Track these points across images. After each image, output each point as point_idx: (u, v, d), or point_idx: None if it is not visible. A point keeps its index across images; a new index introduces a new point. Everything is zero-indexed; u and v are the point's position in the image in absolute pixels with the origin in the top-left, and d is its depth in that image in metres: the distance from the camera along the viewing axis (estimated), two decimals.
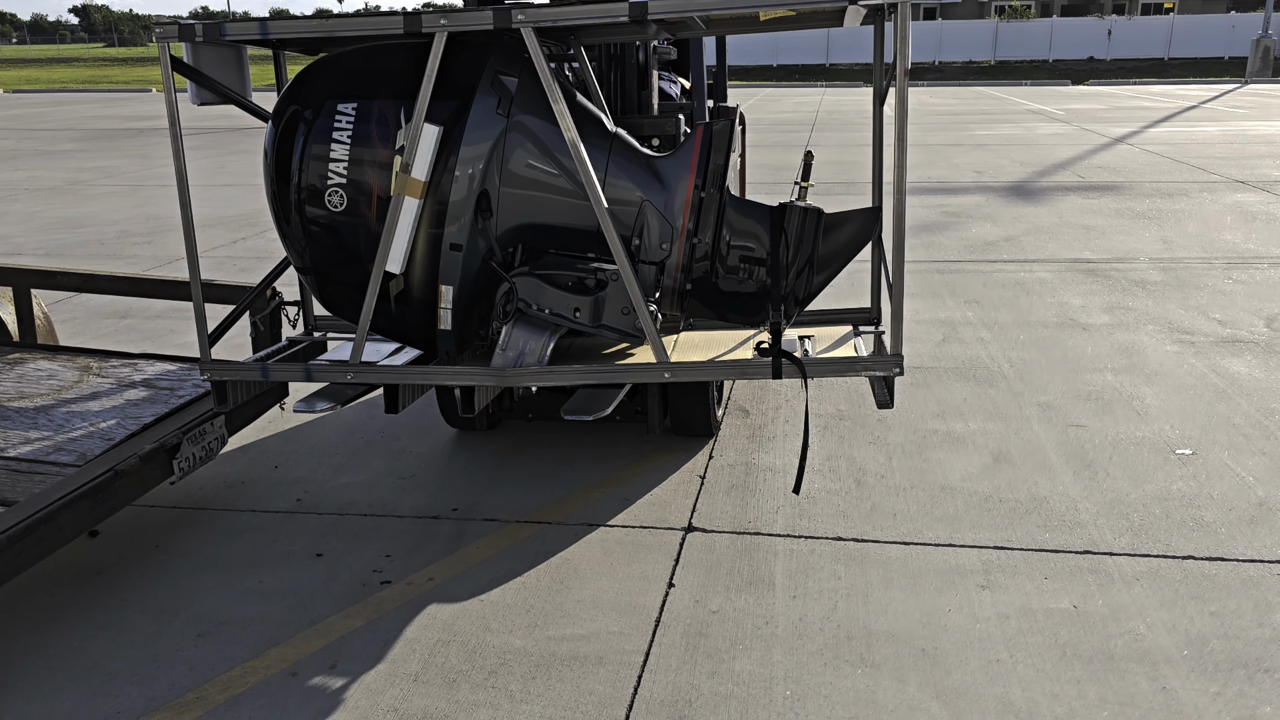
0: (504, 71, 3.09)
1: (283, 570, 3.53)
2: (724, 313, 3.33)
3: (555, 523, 3.81)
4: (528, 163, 3.11)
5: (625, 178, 3.20)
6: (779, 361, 3.07)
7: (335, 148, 3.04)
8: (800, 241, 3.21)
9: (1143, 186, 11.44)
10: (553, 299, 3.14)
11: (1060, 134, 17.41)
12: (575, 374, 3.17)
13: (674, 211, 3.18)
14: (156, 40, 3.12)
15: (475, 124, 3.02)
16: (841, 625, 3.13)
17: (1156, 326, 6.11)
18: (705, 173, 3.17)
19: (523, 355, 3.16)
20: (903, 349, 3.06)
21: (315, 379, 3.31)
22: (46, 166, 14.81)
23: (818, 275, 3.26)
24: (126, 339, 6.18)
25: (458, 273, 3.09)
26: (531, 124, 3.10)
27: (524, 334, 3.16)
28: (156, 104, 28.50)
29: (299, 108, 3.09)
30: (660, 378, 3.14)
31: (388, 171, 3.03)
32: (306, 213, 3.11)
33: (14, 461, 3.34)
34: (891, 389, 3.14)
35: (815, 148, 15.69)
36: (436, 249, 3.08)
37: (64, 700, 2.85)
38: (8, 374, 4.12)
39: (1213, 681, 2.83)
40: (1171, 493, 3.95)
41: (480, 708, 2.78)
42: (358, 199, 3.06)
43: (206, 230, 9.69)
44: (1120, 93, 28.67)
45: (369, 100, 3.04)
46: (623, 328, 3.16)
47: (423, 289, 3.13)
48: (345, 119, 3.03)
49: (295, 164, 3.08)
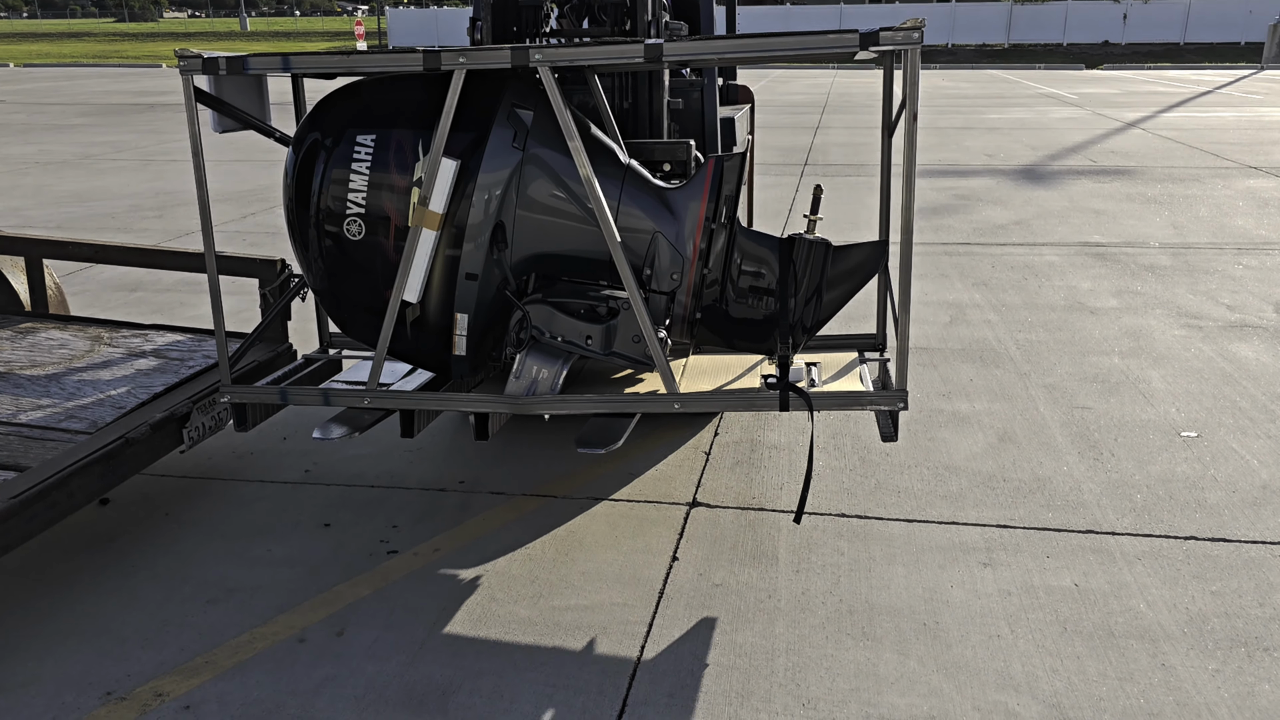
0: (519, 105, 3.16)
1: (291, 539, 3.57)
2: (732, 340, 3.39)
3: (561, 496, 3.84)
4: (543, 194, 3.18)
5: (637, 208, 3.25)
6: (786, 395, 3.14)
7: (354, 177, 3.11)
8: (808, 273, 3.27)
9: (1155, 171, 11.38)
10: (565, 326, 3.20)
11: (1073, 118, 17.31)
12: (587, 403, 3.23)
13: (684, 242, 3.25)
14: (181, 73, 3.18)
15: (492, 157, 3.09)
16: (844, 599, 3.16)
17: (1165, 311, 6.10)
18: (716, 204, 3.23)
19: (536, 383, 3.23)
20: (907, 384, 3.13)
21: (333, 403, 3.36)
22: (57, 140, 14.85)
23: (825, 306, 3.32)
24: (137, 310, 6.21)
25: (473, 301, 3.18)
26: (546, 156, 3.17)
27: (537, 362, 3.22)
28: (167, 79, 28.50)
29: (319, 136, 3.16)
30: (670, 408, 3.21)
31: (405, 201, 3.10)
32: (325, 239, 3.18)
33: (26, 428, 3.37)
34: (896, 422, 3.22)
35: (825, 130, 15.64)
36: (453, 278, 3.16)
37: (75, 663, 2.89)
38: (20, 343, 4.16)
39: (1212, 659, 2.85)
40: (1175, 474, 3.96)
41: (485, 676, 2.82)
42: (375, 228, 3.13)
43: (217, 205, 9.71)
44: (1135, 77, 28.48)
45: (388, 131, 3.11)
46: (633, 355, 3.22)
47: (438, 316, 3.22)
48: (365, 149, 3.10)
49: (315, 191, 3.15)
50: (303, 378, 3.78)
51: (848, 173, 11.34)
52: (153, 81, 27.81)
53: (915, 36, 2.81)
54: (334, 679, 2.81)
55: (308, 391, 3.43)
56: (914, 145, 2.86)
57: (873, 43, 2.82)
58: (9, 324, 4.38)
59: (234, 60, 3.15)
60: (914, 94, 2.84)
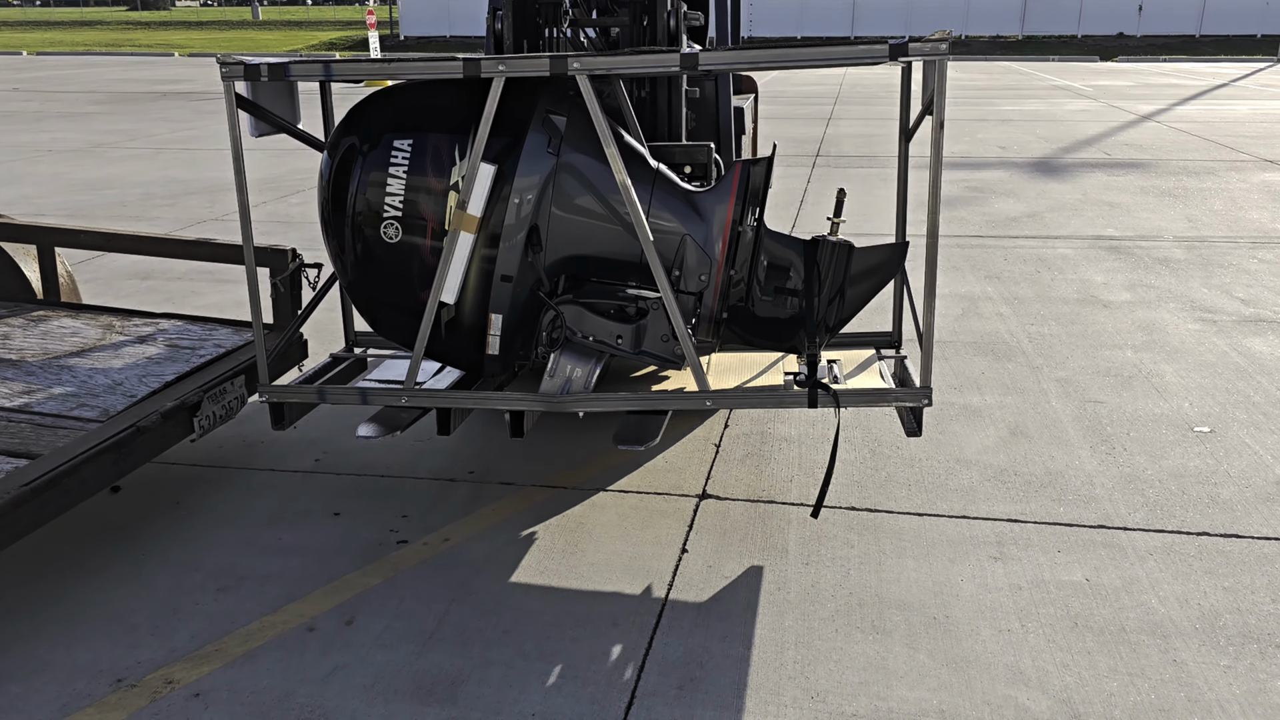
0: (553, 110, 3.23)
1: (301, 528, 3.57)
2: (757, 339, 3.47)
3: (570, 487, 3.84)
4: (576, 197, 3.25)
5: (667, 212, 3.32)
6: (814, 392, 3.22)
7: (392, 181, 3.16)
8: (831, 273, 3.34)
9: (1169, 164, 11.30)
10: (595, 326, 3.26)
11: (1087, 110, 17.20)
12: (622, 401, 3.31)
13: (712, 244, 3.32)
14: (222, 79, 3.19)
15: (527, 161, 3.16)
16: (853, 592, 3.15)
17: (1179, 304, 6.06)
18: (743, 208, 3.30)
19: (570, 381, 3.30)
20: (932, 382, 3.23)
21: (371, 402, 3.40)
22: (70, 128, 14.89)
23: (847, 305, 3.39)
24: (148, 299, 6.23)
25: (507, 302, 3.24)
26: (579, 161, 3.24)
27: (571, 360, 3.29)
28: (179, 68, 28.54)
29: (356, 141, 3.21)
30: (702, 405, 3.30)
31: (442, 204, 3.16)
32: (361, 241, 3.23)
33: (38, 416, 3.39)
34: (920, 419, 3.29)
35: (838, 121, 15.58)
36: (488, 280, 3.22)
37: (86, 649, 2.91)
38: (32, 330, 4.17)
39: (1224, 655, 2.84)
40: (1189, 469, 3.94)
41: (494, 665, 2.82)
42: (412, 230, 3.19)
43: (228, 194, 9.73)
44: (1149, 69, 28.28)
45: (424, 135, 3.16)
46: (662, 354, 3.29)
47: (473, 316, 3.28)
48: (402, 154, 3.16)
49: (352, 194, 3.20)
50: (333, 377, 3.80)
51: (860, 164, 11.29)
52: (165, 70, 27.86)
53: (943, 48, 2.89)
54: (344, 668, 2.82)
55: (346, 391, 3.47)
56: (940, 151, 2.95)
57: (901, 54, 2.88)
58: (21, 312, 4.40)
59: (276, 66, 3.19)
60: (941, 102, 2.91)
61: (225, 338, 4.11)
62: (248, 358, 3.86)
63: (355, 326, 4.20)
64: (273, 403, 3.50)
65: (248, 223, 3.34)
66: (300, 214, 8.80)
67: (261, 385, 3.47)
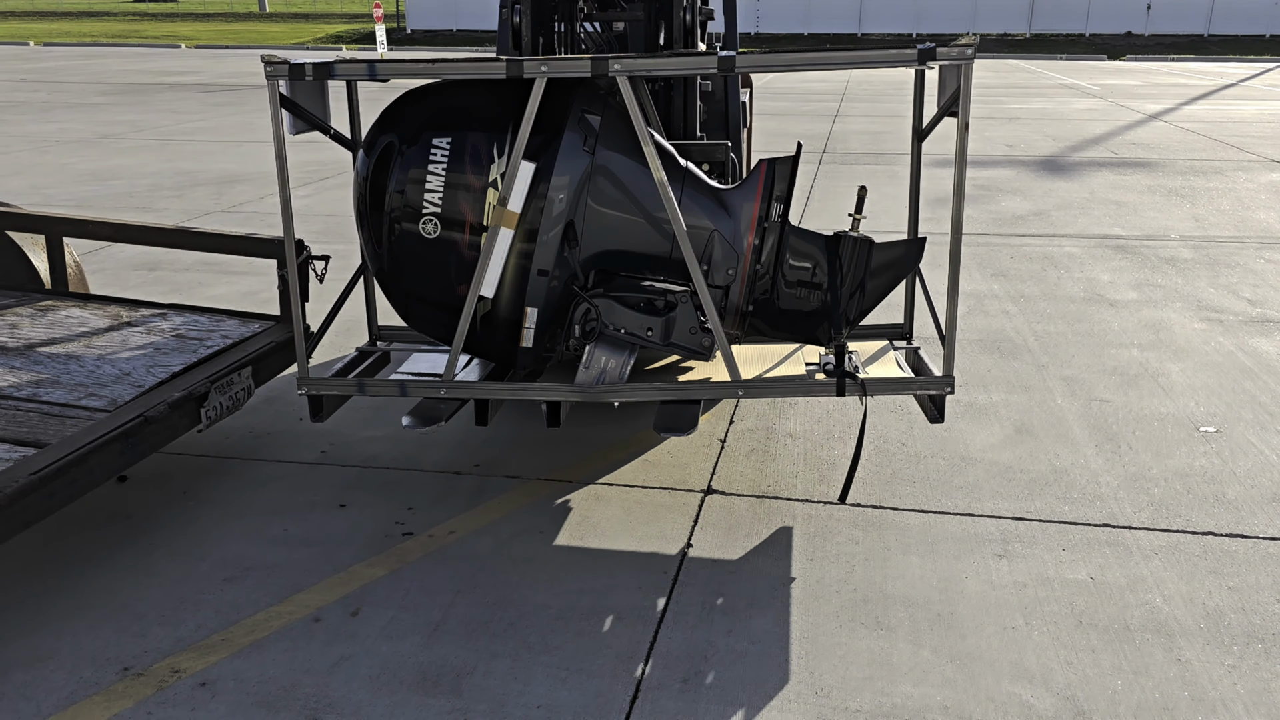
0: (588, 110, 3.31)
1: (307, 519, 3.58)
2: (780, 331, 3.58)
3: (576, 481, 3.84)
4: (610, 194, 3.34)
5: (697, 208, 3.41)
6: (843, 381, 3.35)
7: (431, 178, 3.24)
8: (852, 267, 3.46)
9: (1176, 164, 11.28)
10: (627, 319, 3.36)
11: (1094, 109, 17.16)
12: (656, 391, 3.43)
13: (740, 239, 3.43)
14: (267, 78, 3.24)
15: (564, 159, 3.24)
16: (858, 588, 3.15)
17: (1185, 304, 6.06)
18: (768, 204, 3.42)
19: (605, 372, 3.39)
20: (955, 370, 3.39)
21: (410, 394, 3.46)
22: (77, 119, 14.90)
23: (867, 298, 3.51)
24: (156, 290, 6.24)
25: (543, 295, 3.33)
26: (613, 159, 3.33)
27: (605, 352, 3.38)
28: (186, 59, 28.55)
29: (395, 139, 3.28)
30: (735, 395, 3.41)
31: (480, 201, 3.24)
32: (399, 237, 3.30)
33: (46, 405, 3.40)
34: (942, 407, 3.44)
35: (844, 118, 15.55)
36: (525, 274, 3.30)
37: (93, 638, 2.92)
38: (40, 320, 4.18)
39: (1228, 654, 2.84)
40: (1194, 469, 3.94)
41: (500, 658, 2.83)
42: (451, 226, 3.27)
43: (235, 185, 9.75)
44: (1157, 69, 28.20)
45: (463, 134, 3.25)
46: (690, 345, 3.41)
47: (509, 310, 3.35)
48: (441, 151, 3.23)
49: (390, 191, 3.27)
50: (363, 370, 3.86)
51: (866, 161, 11.28)
52: (172, 62, 27.88)
53: (969, 53, 3.03)
54: (349, 659, 2.83)
55: (385, 383, 3.52)
56: (965, 151, 3.13)
57: (930, 58, 3.03)
58: (29, 301, 4.41)
59: (321, 66, 3.24)
60: (966, 105, 3.09)
61: (232, 329, 4.12)
62: (255, 349, 3.87)
63: (379, 322, 4.23)
64: (311, 395, 3.54)
65: (289, 218, 3.41)
66: (307, 206, 8.81)
67: (301, 378, 3.52)
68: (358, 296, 4.02)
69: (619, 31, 5.04)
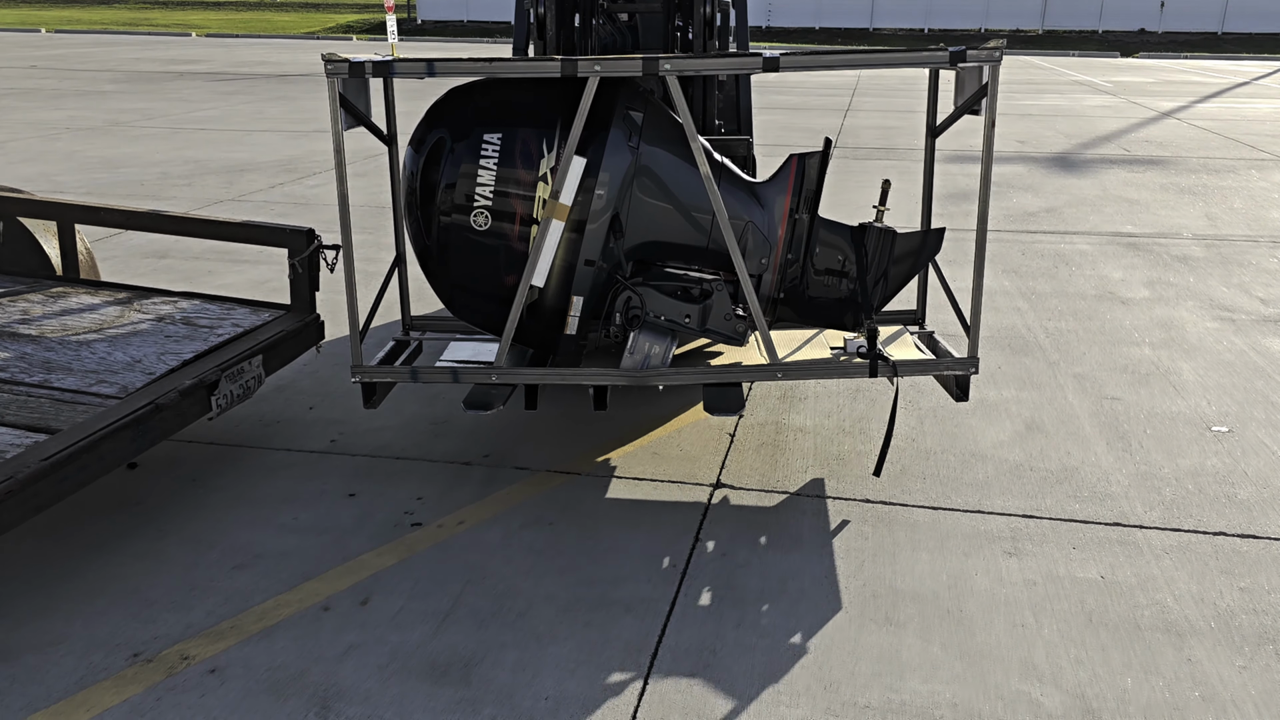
0: (631, 107, 3.45)
1: (317, 508, 3.59)
2: (809, 316, 3.77)
3: (585, 473, 3.84)
4: (653, 187, 3.48)
5: (733, 201, 3.55)
6: (875, 363, 3.52)
7: (483, 173, 3.35)
8: (877, 257, 3.68)
9: (1189, 161, 11.23)
10: (666, 306, 3.51)
11: (1107, 106, 17.08)
12: (700, 374, 3.60)
13: (773, 230, 3.59)
14: (328, 76, 3.34)
15: (611, 154, 3.37)
16: (867, 584, 3.15)
17: (1197, 302, 6.03)
18: (799, 198, 3.58)
19: (649, 357, 3.54)
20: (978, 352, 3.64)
21: (462, 381, 3.58)
22: (87, 107, 14.92)
23: (890, 285, 3.72)
24: (166, 278, 6.25)
25: (589, 284, 3.46)
26: (655, 154, 3.46)
27: (649, 339, 3.53)
28: (197, 48, 28.57)
29: (445, 135, 3.40)
30: (774, 377, 3.56)
31: (530, 194, 3.37)
32: (449, 231, 3.42)
33: (57, 391, 3.40)
34: (966, 387, 3.67)
35: (855, 113, 15.50)
36: (573, 264, 3.43)
37: (103, 624, 2.93)
38: (51, 307, 4.19)
39: (1239, 655, 2.83)
40: (1206, 468, 3.92)
41: (508, 648, 2.83)
42: (501, 219, 3.39)
43: (245, 174, 9.75)
44: (1171, 66, 28.06)
45: (514, 130, 3.37)
46: (725, 331, 3.56)
47: (556, 299, 3.48)
48: (492, 147, 3.35)
49: (441, 186, 3.39)
50: (404, 359, 3.96)
51: (878, 156, 11.24)
52: (183, 50, 27.90)
53: (996, 55, 3.23)
54: (358, 647, 2.83)
55: (437, 370, 3.61)
56: (991, 148, 3.39)
57: (960, 60, 3.25)
58: (41, 288, 4.42)
59: (381, 65, 3.35)
60: (992, 104, 3.30)
61: (243, 317, 4.12)
62: (265, 337, 3.88)
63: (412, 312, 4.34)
64: (365, 383, 3.66)
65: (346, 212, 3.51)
66: (317, 196, 8.81)
67: (355, 366, 3.63)
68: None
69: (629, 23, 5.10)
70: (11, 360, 3.63)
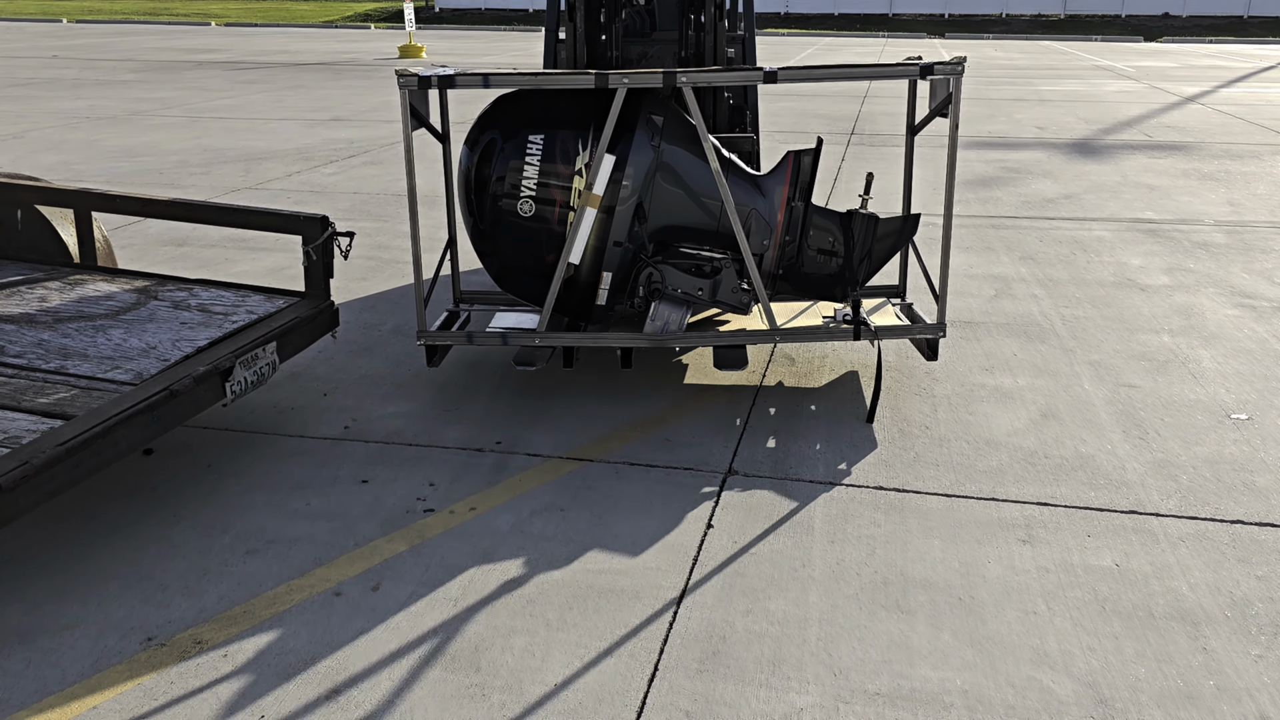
0: (654, 112, 4.04)
1: (329, 494, 3.60)
2: (803, 291, 4.43)
3: (597, 460, 3.84)
4: (672, 180, 4.06)
5: (739, 191, 4.14)
6: (859, 327, 4.15)
7: (528, 168, 3.97)
8: (863, 239, 4.30)
9: (1212, 147, 11.09)
10: (682, 280, 4.07)
11: (1129, 91, 16.90)
12: (711, 339, 4.22)
13: (773, 215, 4.19)
14: (400, 88, 3.95)
15: (637, 152, 3.96)
16: (878, 571, 3.13)
17: (1218, 289, 5.96)
18: (795, 188, 4.18)
19: (667, 324, 4.08)
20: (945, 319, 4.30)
21: (510, 344, 4.22)
22: (107, 96, 15.01)
23: (874, 262, 4.36)
24: (182, 266, 6.28)
25: (617, 262, 4.04)
26: (675, 151, 4.06)
27: (668, 308, 4.08)
28: (216, 37, 28.68)
29: (496, 136, 4.01)
30: (773, 340, 4.20)
31: (567, 185, 3.98)
32: (500, 218, 4.03)
33: (73, 378, 3.43)
34: (936, 348, 4.39)
35: (873, 99, 15.40)
36: (603, 245, 4.01)
37: (118, 607, 2.95)
38: (68, 294, 4.22)
39: (1255, 644, 2.80)
40: (1223, 456, 3.88)
41: (517, 634, 2.84)
42: (543, 207, 4.01)
43: (263, 163, 9.78)
44: (1195, 50, 27.73)
45: (554, 131, 3.98)
46: (732, 302, 4.11)
47: (589, 274, 4.07)
48: (536, 146, 3.96)
49: (493, 179, 3.99)
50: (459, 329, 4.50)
51: (894, 143, 11.16)
52: (202, 39, 28.00)
53: (959, 69, 3.93)
54: (369, 633, 2.84)
55: (489, 335, 4.25)
56: (955, 146, 4.05)
57: (929, 73, 3.96)
58: (58, 275, 4.45)
59: (445, 78, 3.94)
60: (956, 110, 4.00)
61: (258, 304, 4.14)
62: (279, 324, 3.89)
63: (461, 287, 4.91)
64: (428, 345, 4.28)
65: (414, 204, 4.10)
66: (333, 184, 8.84)
67: (420, 330, 4.25)
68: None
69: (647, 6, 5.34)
70: (29, 347, 3.66)
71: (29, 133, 11.62)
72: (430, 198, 7.84)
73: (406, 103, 3.98)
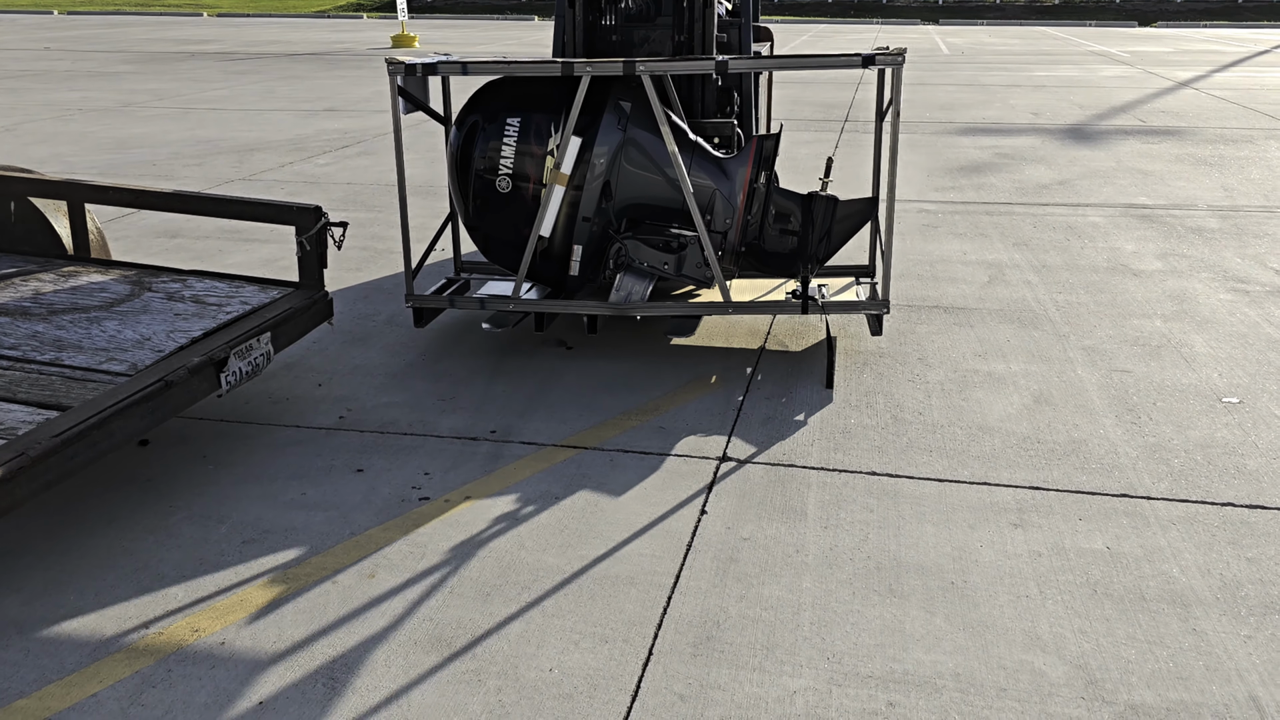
0: (621, 98, 4.36)
1: (324, 484, 3.62)
2: (766, 267, 4.68)
3: (591, 448, 3.85)
4: (637, 161, 4.38)
5: (703, 173, 4.45)
6: (805, 302, 4.44)
7: (505, 148, 4.32)
8: (822, 220, 4.55)
9: (1206, 132, 11.10)
10: (649, 255, 4.39)
11: (1123, 76, 16.89)
12: (668, 308, 4.48)
13: (735, 196, 4.46)
14: (389, 74, 4.36)
15: (603, 135, 4.29)
16: (871, 556, 3.15)
17: (1211, 274, 5.98)
18: (757, 170, 4.45)
19: (630, 294, 4.38)
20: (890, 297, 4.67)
21: (487, 308, 4.60)
22: (100, 87, 14.95)
23: (833, 242, 4.61)
24: (176, 257, 6.28)
25: (586, 236, 4.39)
26: (641, 135, 4.37)
27: (631, 280, 4.40)
28: (208, 28, 28.56)
29: (479, 119, 4.36)
30: (726, 312, 4.49)
31: (540, 165, 4.32)
32: (481, 192, 4.38)
33: (68, 369, 3.43)
34: (880, 324, 4.66)
35: (867, 85, 15.38)
36: (573, 220, 4.36)
37: (115, 597, 2.97)
38: (62, 285, 4.22)
39: (1245, 625, 2.82)
40: (1215, 440, 3.90)
41: (513, 621, 2.85)
42: (519, 184, 4.36)
43: (256, 154, 9.77)
44: (1190, 35, 27.69)
45: (530, 115, 4.33)
46: (696, 276, 4.42)
47: (561, 247, 4.41)
48: (512, 128, 4.32)
49: (475, 157, 4.35)
50: (451, 292, 4.85)
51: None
52: (194, 30, 27.89)
53: (899, 60, 4.18)
54: (365, 620, 2.86)
55: (469, 300, 4.63)
56: (896, 132, 4.30)
57: (871, 63, 4.19)
58: (52, 267, 4.45)
59: (428, 65, 4.32)
60: (897, 96, 4.26)
61: (252, 295, 4.14)
62: (274, 315, 3.90)
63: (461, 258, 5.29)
64: (415, 308, 4.68)
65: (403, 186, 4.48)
66: (326, 174, 8.82)
67: (408, 295, 4.64)
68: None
69: None
70: (23, 339, 3.66)
71: (22, 125, 11.59)
72: (424, 188, 7.83)
73: (395, 87, 4.35)
